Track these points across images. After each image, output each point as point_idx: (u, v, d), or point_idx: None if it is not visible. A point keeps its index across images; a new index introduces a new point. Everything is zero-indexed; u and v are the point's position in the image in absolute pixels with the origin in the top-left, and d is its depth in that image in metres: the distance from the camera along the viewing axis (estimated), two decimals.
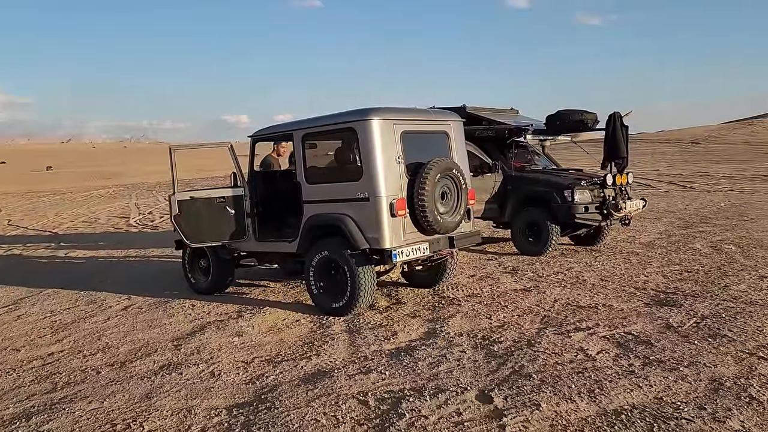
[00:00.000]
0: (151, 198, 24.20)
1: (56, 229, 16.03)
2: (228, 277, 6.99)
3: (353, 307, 5.61)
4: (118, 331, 5.66)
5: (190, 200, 6.38)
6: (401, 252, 5.46)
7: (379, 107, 5.61)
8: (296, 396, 3.86)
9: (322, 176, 6.05)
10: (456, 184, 5.89)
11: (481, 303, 5.89)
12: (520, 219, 8.52)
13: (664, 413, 3.32)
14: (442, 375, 4.05)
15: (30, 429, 3.64)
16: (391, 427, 3.33)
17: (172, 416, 3.68)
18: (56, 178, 52.95)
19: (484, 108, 9.38)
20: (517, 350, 4.45)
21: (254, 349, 4.90)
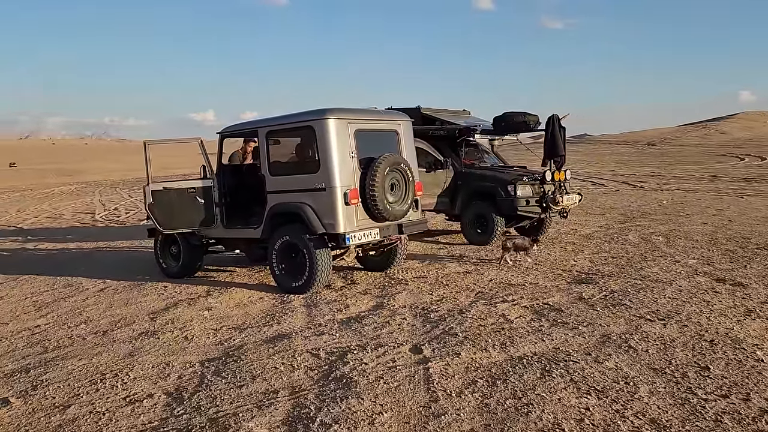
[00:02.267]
0: (115, 195, 24.40)
1: (20, 224, 16.23)
2: (197, 262, 7.61)
3: (311, 286, 6.30)
4: (97, 308, 6.25)
5: (163, 190, 6.98)
6: (354, 236, 6.19)
7: (335, 108, 6.32)
8: (259, 352, 4.55)
9: (284, 169, 6.73)
10: (404, 177, 6.63)
11: (426, 283, 6.64)
12: (469, 212, 9.30)
13: (557, 358, 4.12)
14: (384, 336, 4.80)
15: (30, 379, 4.25)
16: (337, 371, 4.06)
17: (153, 368, 4.34)
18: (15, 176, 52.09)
19: (437, 109, 10.17)
20: (450, 317, 5.22)
21: (222, 320, 5.57)
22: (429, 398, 3.55)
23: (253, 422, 3.36)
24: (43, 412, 3.68)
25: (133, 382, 4.08)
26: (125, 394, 3.90)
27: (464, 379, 3.81)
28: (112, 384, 4.07)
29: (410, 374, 3.94)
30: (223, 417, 3.45)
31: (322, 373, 4.07)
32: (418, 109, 9.62)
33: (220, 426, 3.34)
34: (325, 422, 3.31)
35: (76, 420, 3.54)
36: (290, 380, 3.96)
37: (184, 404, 3.68)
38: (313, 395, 3.69)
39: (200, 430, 3.31)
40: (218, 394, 3.79)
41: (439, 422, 3.25)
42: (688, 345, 4.29)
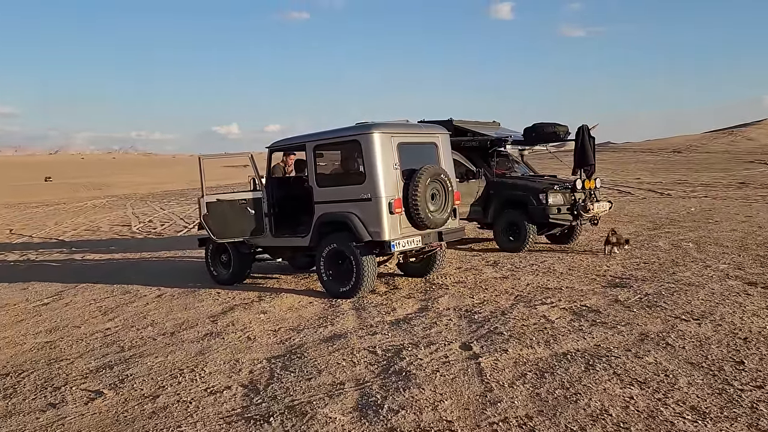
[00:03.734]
0: (147, 207, 25.07)
1: (61, 236, 16.90)
2: (246, 270, 8.05)
3: (358, 291, 6.68)
4: (159, 312, 6.70)
5: (216, 202, 7.43)
6: (398, 243, 6.57)
7: (379, 123, 6.73)
8: (320, 350, 4.94)
9: (330, 180, 7.14)
10: (444, 187, 7.00)
11: (466, 287, 6.98)
12: (501, 220, 9.63)
13: (599, 353, 4.43)
14: (433, 335, 5.15)
15: (116, 374, 4.69)
16: (395, 365, 4.42)
17: (225, 364, 4.75)
18: (47, 190, 53.58)
19: (469, 121, 10.55)
20: (493, 318, 5.55)
21: (279, 322, 5.97)
22: (484, 388, 3.90)
23: (327, 409, 3.73)
24: (135, 402, 4.10)
25: (210, 376, 4.49)
26: (205, 386, 4.30)
27: (514, 372, 4.15)
28: (192, 378, 4.48)
29: (463, 368, 4.29)
30: (298, 405, 3.83)
31: (382, 367, 4.43)
32: (450, 122, 10.02)
33: (298, 412, 3.72)
34: (393, 408, 3.67)
35: (167, 407, 3.95)
36: (353, 373, 4.33)
37: (261, 394, 4.07)
38: (377, 386, 4.05)
39: (280, 415, 3.69)
40: (290, 386, 4.17)
41: (496, 408, 3.59)
42: (723, 342, 4.56)
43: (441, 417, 3.52)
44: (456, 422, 3.45)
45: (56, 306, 7.45)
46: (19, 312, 7.28)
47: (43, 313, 7.12)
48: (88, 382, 4.57)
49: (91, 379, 4.64)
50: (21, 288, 8.87)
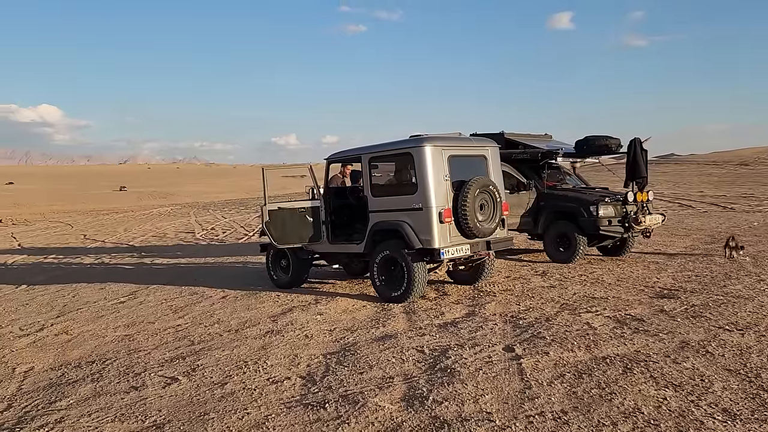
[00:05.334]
0: (209, 215, 26.17)
1: (131, 242, 17.95)
2: (304, 275, 8.53)
3: (409, 295, 7.03)
4: (224, 312, 7.24)
5: (278, 210, 7.95)
6: (447, 251, 6.89)
7: (431, 136, 7.09)
8: (371, 348, 5.31)
9: (384, 190, 7.54)
10: (492, 198, 7.28)
11: (513, 295, 7.21)
12: (551, 231, 9.78)
13: (638, 358, 4.61)
14: (478, 337, 5.43)
15: (188, 364, 5.20)
16: (441, 363, 4.74)
17: (285, 358, 5.18)
18: (116, 198, 56.43)
19: (520, 134, 10.77)
20: (537, 324, 5.78)
21: (334, 323, 6.38)
22: (523, 386, 4.17)
23: (377, 398, 4.09)
24: (206, 387, 4.58)
25: (272, 368, 4.93)
26: (267, 376, 4.74)
27: (553, 373, 4.39)
28: (255, 369, 4.94)
29: (505, 367, 4.57)
30: (352, 394, 4.21)
31: (428, 364, 4.76)
32: (501, 134, 10.27)
33: (351, 400, 4.10)
34: (437, 400, 3.99)
35: (234, 393, 4.40)
36: (402, 369, 4.68)
37: (318, 384, 4.47)
38: (424, 380, 4.38)
39: (335, 402, 4.08)
40: (344, 378, 4.56)
41: (534, 403, 3.86)
42: (764, 352, 4.66)
43: (481, 408, 3.82)
44: (495, 414, 3.74)
45: (132, 304, 8.11)
46: (99, 309, 7.98)
47: (121, 310, 7.79)
48: (164, 369, 5.10)
49: (166, 367, 5.16)
50: (99, 288, 9.63)
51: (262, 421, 3.86)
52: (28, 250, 17.54)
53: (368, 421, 3.75)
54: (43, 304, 8.60)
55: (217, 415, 4.00)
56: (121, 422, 4.01)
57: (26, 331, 6.99)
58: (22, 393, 4.79)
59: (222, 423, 3.88)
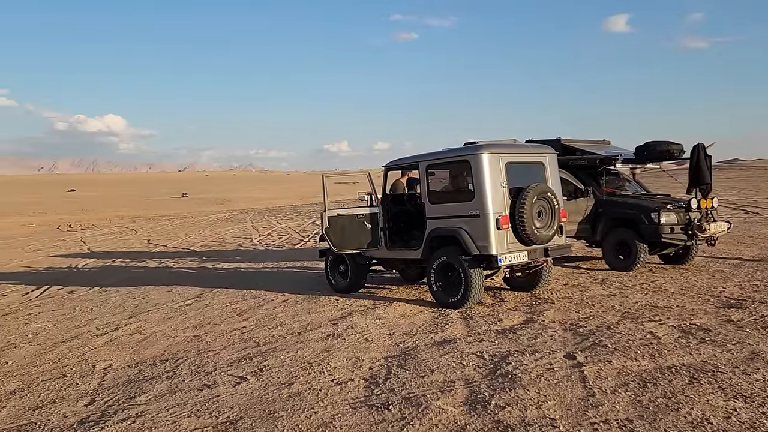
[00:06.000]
0: (265, 221, 26.74)
1: (192, 246, 18.58)
2: (362, 280, 8.70)
3: (466, 301, 7.08)
4: (286, 315, 7.46)
5: (337, 216, 8.15)
6: (505, 257, 6.91)
7: (488, 143, 7.14)
8: (431, 352, 5.40)
9: (441, 197, 7.63)
10: (550, 205, 7.26)
11: (572, 303, 7.16)
12: (610, 238, 9.61)
13: (705, 369, 4.53)
14: (538, 344, 5.44)
15: (255, 364, 5.42)
16: (502, 369, 4.78)
17: (347, 361, 5.33)
18: (176, 204, 58.42)
19: (578, 140, 10.64)
20: (598, 332, 5.74)
21: (393, 327, 6.50)
22: (586, 393, 4.17)
23: (440, 401, 4.18)
24: (273, 387, 4.77)
25: (335, 370, 5.09)
26: (331, 377, 4.90)
27: (617, 381, 4.37)
28: (319, 370, 5.10)
29: (567, 375, 4.57)
30: (414, 397, 4.31)
31: (489, 370, 4.81)
32: (558, 141, 10.17)
33: (414, 402, 4.20)
34: (499, 404, 4.05)
35: (301, 393, 4.58)
36: (463, 374, 4.75)
37: (380, 386, 4.59)
38: (485, 385, 4.44)
39: (398, 404, 4.19)
40: (406, 381, 4.66)
41: (598, 411, 3.86)
42: None
43: (544, 414, 3.85)
44: (558, 420, 3.76)
45: (198, 306, 8.46)
46: (167, 310, 8.36)
47: (188, 312, 8.14)
48: (233, 369, 5.33)
49: (235, 367, 5.40)
50: (166, 291, 10.07)
51: (329, 420, 4.01)
52: (97, 253, 18.45)
53: (432, 423, 3.84)
54: (115, 305, 9.07)
55: (286, 414, 4.18)
56: (196, 417, 4.24)
57: (102, 330, 7.41)
58: (103, 388, 5.11)
59: (291, 421, 4.05)
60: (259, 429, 3.96)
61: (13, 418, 4.56)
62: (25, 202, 67.95)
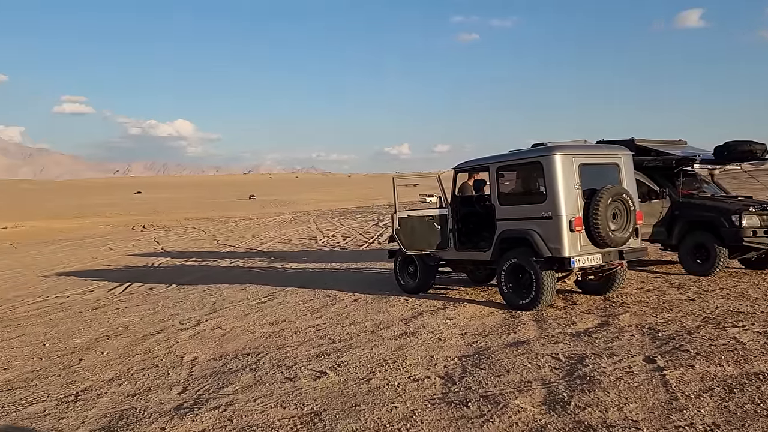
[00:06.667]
0: (328, 223, 27.20)
1: (259, 247, 19.14)
2: (431, 281, 8.79)
3: (537, 304, 7.04)
4: (357, 314, 7.64)
5: (407, 218, 8.27)
6: (578, 260, 6.84)
7: (561, 145, 7.10)
8: (505, 353, 5.43)
9: (512, 199, 7.63)
10: (626, 207, 7.14)
11: (648, 307, 7.00)
12: (687, 242, 9.30)
13: None
14: (615, 347, 5.38)
15: (332, 360, 5.61)
16: (579, 371, 4.77)
17: (422, 359, 5.44)
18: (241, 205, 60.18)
19: (652, 140, 10.35)
20: (678, 336, 5.61)
21: (464, 327, 6.55)
22: (669, 397, 4.11)
23: (518, 400, 4.22)
24: (353, 382, 4.93)
25: (410, 367, 5.21)
26: (408, 374, 5.02)
27: (701, 386, 4.28)
28: (395, 367, 5.23)
29: (647, 378, 4.51)
30: (492, 395, 4.37)
31: (566, 371, 4.81)
32: (631, 141, 9.93)
33: (492, 401, 4.26)
34: (579, 405, 4.05)
35: (380, 388, 4.72)
36: (539, 374, 4.77)
37: (457, 385, 4.67)
38: (563, 386, 4.45)
39: (476, 402, 4.26)
40: (482, 380, 4.72)
41: (682, 415, 3.81)
42: None
43: (626, 417, 3.83)
44: (641, 422, 3.74)
45: (272, 304, 8.77)
46: (243, 307, 8.71)
47: (263, 309, 8.45)
48: (312, 364, 5.54)
49: (314, 362, 5.60)
50: (240, 289, 10.47)
51: (409, 415, 4.12)
52: (170, 253, 19.31)
53: (512, 421, 3.89)
54: (194, 301, 9.52)
55: (367, 407, 4.32)
56: (283, 408, 4.45)
57: (185, 325, 7.81)
58: (192, 378, 5.42)
59: (373, 414, 4.19)
60: (342, 421, 4.12)
61: (114, 403, 4.91)
62: (102, 204, 71.70)
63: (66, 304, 10.56)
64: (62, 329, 8.23)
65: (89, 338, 7.51)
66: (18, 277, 15.88)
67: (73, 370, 6.09)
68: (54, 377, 5.87)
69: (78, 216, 52.87)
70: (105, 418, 4.60)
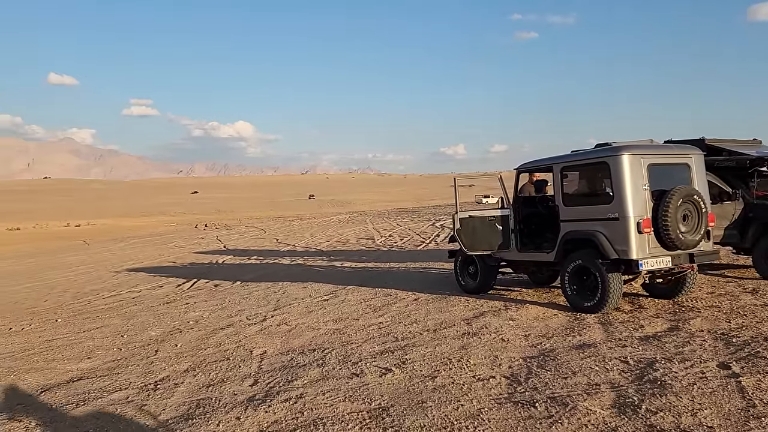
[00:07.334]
0: (385, 223, 27.36)
1: (318, 246, 19.45)
2: (491, 281, 8.76)
3: (603, 306, 6.93)
4: (419, 313, 7.71)
5: (468, 218, 8.28)
6: (646, 262, 6.69)
7: (629, 144, 6.96)
8: (571, 355, 5.38)
9: (576, 200, 7.52)
10: (697, 208, 6.93)
11: (720, 312, 6.77)
12: (763, 245, 8.92)
13: None
14: (687, 352, 5.24)
15: (396, 357, 5.70)
16: (649, 375, 4.68)
17: (486, 359, 5.46)
18: (299, 205, 61.33)
19: (724, 139, 9.96)
20: (754, 342, 5.41)
21: (527, 329, 6.52)
22: (746, 404, 3.99)
23: (586, 403, 4.19)
24: (418, 379, 5.01)
25: (475, 367, 5.23)
26: (472, 374, 5.05)
27: None
28: (459, 366, 5.27)
29: (722, 384, 4.39)
30: (559, 397, 4.35)
31: (635, 375, 4.73)
32: (702, 141, 9.59)
33: (560, 402, 4.24)
34: (651, 409, 3.99)
35: (445, 386, 4.77)
36: (607, 378, 4.71)
37: (523, 385, 4.67)
38: (633, 390, 4.38)
39: (544, 403, 4.26)
40: (548, 381, 4.71)
41: (760, 422, 3.70)
42: None
43: (701, 422, 3.75)
44: (717, 429, 3.65)
45: (334, 302, 8.95)
46: (307, 305, 8.92)
47: (326, 306, 8.64)
48: (377, 361, 5.64)
49: (378, 359, 5.71)
50: (302, 286, 10.72)
51: (476, 414, 4.16)
52: (232, 251, 19.90)
53: (581, 423, 3.88)
54: (259, 298, 9.82)
55: (434, 404, 4.39)
56: (351, 402, 4.57)
57: (252, 320, 8.08)
58: (262, 371, 5.62)
59: (440, 411, 4.25)
60: (410, 417, 4.20)
61: (191, 393, 5.16)
62: (166, 203, 74.54)
63: (138, 299, 11.09)
64: (137, 322, 8.66)
65: (163, 331, 7.88)
66: (92, 272, 16.74)
67: (151, 360, 6.41)
68: (133, 367, 6.20)
69: (145, 214, 55.21)
70: (183, 406, 4.84)
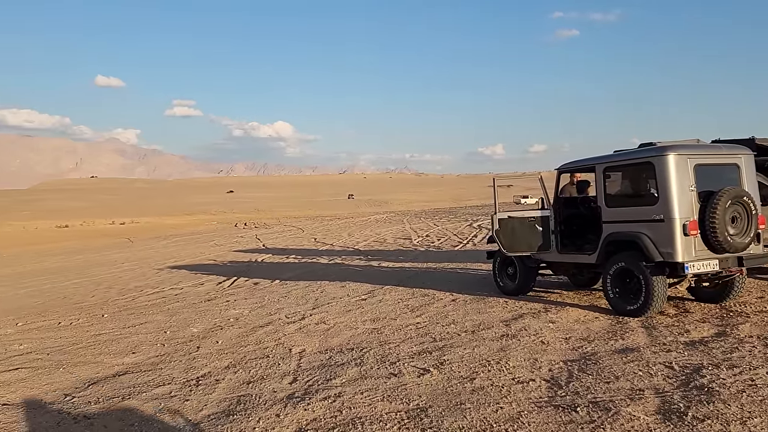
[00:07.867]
0: (422, 223, 27.28)
1: (356, 246, 19.52)
2: (531, 283, 8.65)
3: (646, 310, 6.76)
4: (457, 314, 7.67)
5: (507, 219, 8.20)
6: (693, 265, 6.51)
7: (675, 144, 6.78)
8: (613, 359, 5.28)
9: (619, 201, 7.36)
10: (746, 210, 6.71)
11: None
12: None
13: None
14: (735, 359, 5.08)
15: (434, 358, 5.69)
16: (696, 381, 4.55)
17: (525, 361, 5.40)
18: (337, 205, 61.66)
19: None
20: None
21: (567, 331, 6.42)
22: None
23: (630, 408, 4.11)
24: (456, 380, 4.98)
25: (514, 369, 5.18)
26: (511, 376, 5.00)
27: None
28: (498, 368, 5.23)
29: None
30: (601, 402, 4.28)
31: (680, 381, 4.61)
32: (752, 140, 9.27)
33: (602, 407, 4.17)
34: (697, 417, 3.88)
35: (484, 388, 4.74)
36: (651, 383, 4.60)
37: (564, 389, 4.60)
38: (678, 396, 4.27)
39: (585, 407, 4.18)
40: (590, 386, 4.63)
41: None
42: None
43: (750, 431, 3.63)
44: None
45: (372, 302, 8.98)
46: (345, 304, 8.97)
47: (364, 306, 8.67)
48: (415, 361, 5.64)
49: (416, 359, 5.70)
50: (340, 286, 10.78)
51: (516, 416, 4.12)
52: (271, 250, 20.15)
53: (624, 429, 3.80)
54: (298, 297, 9.92)
55: (472, 406, 4.36)
56: (389, 402, 4.58)
57: (291, 319, 8.17)
58: (301, 369, 5.69)
59: (479, 413, 4.22)
60: (449, 418, 4.19)
61: (232, 389, 5.26)
62: (207, 202, 76.03)
63: (180, 295, 11.33)
64: (180, 318, 8.86)
65: (204, 328, 8.04)
66: (135, 269, 17.19)
67: (193, 356, 6.55)
68: (176, 362, 6.35)
69: (187, 213, 56.42)
70: (224, 402, 4.93)
